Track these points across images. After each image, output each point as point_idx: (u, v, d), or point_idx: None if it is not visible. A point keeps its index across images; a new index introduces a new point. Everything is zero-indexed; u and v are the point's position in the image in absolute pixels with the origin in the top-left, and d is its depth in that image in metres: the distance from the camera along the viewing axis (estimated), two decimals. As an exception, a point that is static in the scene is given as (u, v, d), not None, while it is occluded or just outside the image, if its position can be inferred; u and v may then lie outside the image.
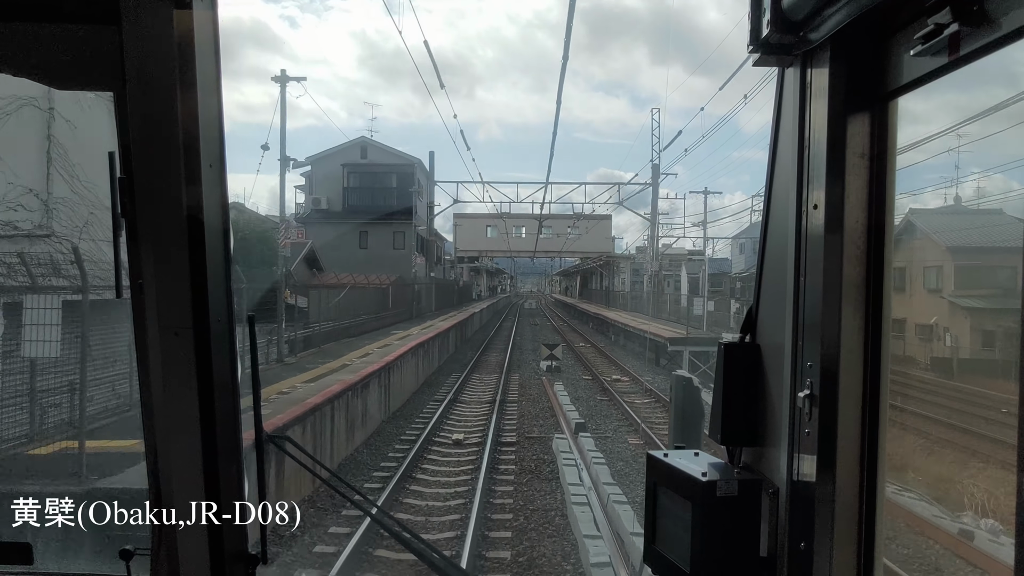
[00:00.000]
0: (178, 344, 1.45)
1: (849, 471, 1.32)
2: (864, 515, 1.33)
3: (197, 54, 1.37)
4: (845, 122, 1.30)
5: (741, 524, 1.43)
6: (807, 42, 1.32)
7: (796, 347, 1.39)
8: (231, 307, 1.53)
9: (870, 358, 1.32)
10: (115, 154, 1.43)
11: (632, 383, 23.51)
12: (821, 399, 1.32)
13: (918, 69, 1.17)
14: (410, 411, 18.26)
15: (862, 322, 1.32)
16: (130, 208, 1.43)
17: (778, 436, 1.45)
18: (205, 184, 1.42)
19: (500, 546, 9.36)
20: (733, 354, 1.55)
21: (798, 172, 1.39)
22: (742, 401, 1.53)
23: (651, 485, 1.58)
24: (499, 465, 13.21)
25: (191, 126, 1.39)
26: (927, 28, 1.08)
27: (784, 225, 1.45)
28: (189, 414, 1.48)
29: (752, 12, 1.38)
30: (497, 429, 15.81)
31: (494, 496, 11.39)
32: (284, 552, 8.38)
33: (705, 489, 1.41)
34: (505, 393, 20.75)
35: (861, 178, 1.31)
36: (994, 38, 1.01)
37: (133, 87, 1.38)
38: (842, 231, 1.31)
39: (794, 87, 1.41)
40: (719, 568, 1.41)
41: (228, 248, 1.51)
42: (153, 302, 1.45)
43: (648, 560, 1.58)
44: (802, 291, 1.38)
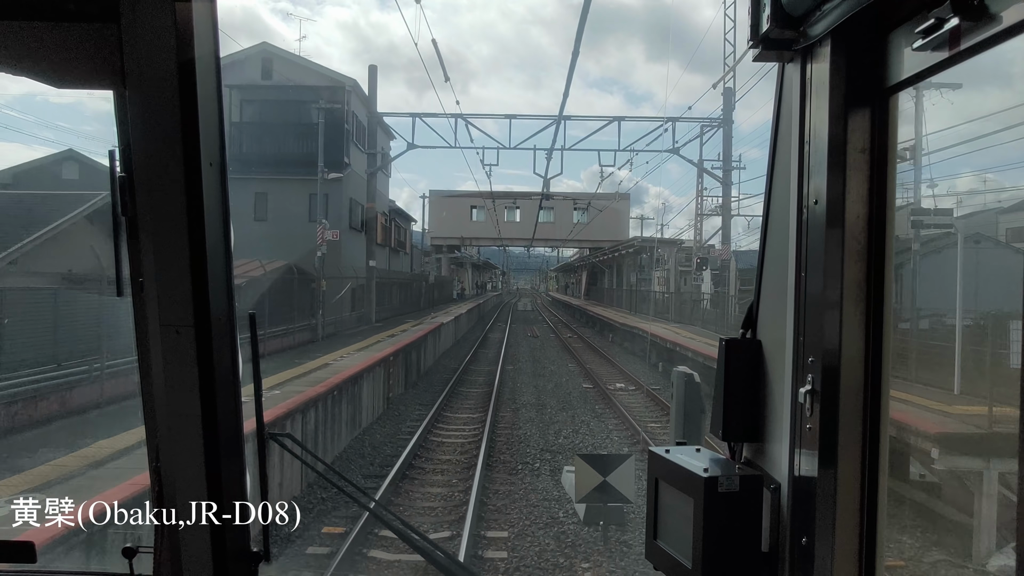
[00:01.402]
0: (179, 342, 1.45)
1: (850, 466, 1.32)
2: (865, 510, 1.33)
3: (197, 52, 1.37)
4: (846, 117, 1.30)
5: (743, 519, 1.43)
6: (807, 37, 1.32)
7: (797, 343, 1.39)
8: (232, 305, 1.53)
9: (871, 353, 1.32)
10: (115, 152, 1.43)
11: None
12: (822, 394, 1.32)
13: (919, 64, 1.17)
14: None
15: (863, 317, 1.32)
16: (131, 206, 1.43)
17: (779, 432, 1.45)
18: (205, 182, 1.42)
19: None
20: (734, 350, 1.55)
21: (799, 167, 1.39)
22: (743, 397, 1.54)
23: (653, 481, 1.58)
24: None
25: (191, 124, 1.39)
26: (927, 22, 1.08)
27: (785, 221, 1.45)
28: (191, 412, 1.48)
29: (752, 7, 1.38)
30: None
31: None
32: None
33: (707, 485, 1.41)
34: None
35: (862, 173, 1.31)
36: (994, 32, 1.01)
37: (133, 85, 1.38)
38: (843, 226, 1.31)
39: (794, 82, 1.41)
40: (721, 563, 1.41)
41: (229, 246, 1.51)
42: (154, 300, 1.45)
43: (650, 555, 1.58)
44: (803, 287, 1.38)
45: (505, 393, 19.13)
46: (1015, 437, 0.99)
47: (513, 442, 13.76)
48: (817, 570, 1.33)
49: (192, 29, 1.36)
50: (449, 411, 16.79)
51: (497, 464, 12.26)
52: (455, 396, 18.75)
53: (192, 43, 1.36)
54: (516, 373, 23.30)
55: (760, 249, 1.58)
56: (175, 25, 1.35)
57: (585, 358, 27.01)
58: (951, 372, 11.92)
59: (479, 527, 9.27)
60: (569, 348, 31.34)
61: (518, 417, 16.07)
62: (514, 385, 20.76)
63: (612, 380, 21.47)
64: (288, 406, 10.67)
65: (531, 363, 26.25)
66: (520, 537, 8.99)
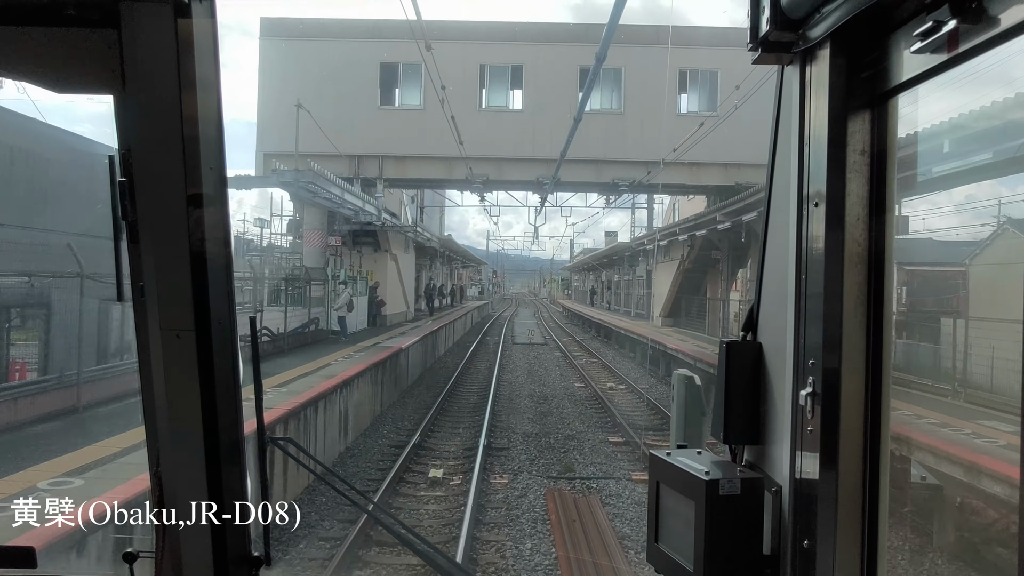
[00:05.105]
0: (180, 346, 1.45)
1: (852, 468, 1.32)
2: (867, 512, 1.33)
3: (196, 57, 1.37)
4: (845, 119, 1.30)
5: (744, 522, 1.43)
6: (807, 40, 1.32)
7: (798, 345, 1.39)
8: (232, 309, 1.53)
9: (872, 355, 1.32)
10: (115, 157, 1.44)
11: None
12: (823, 397, 1.32)
13: (918, 66, 1.17)
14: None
15: (864, 319, 1.32)
16: (131, 211, 1.43)
17: (780, 434, 1.45)
18: (205, 186, 1.42)
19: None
20: (735, 352, 1.55)
21: (799, 170, 1.39)
22: (744, 399, 1.53)
23: (654, 484, 1.58)
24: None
25: (191, 129, 1.39)
26: (926, 25, 1.08)
27: (785, 223, 1.45)
28: (191, 416, 1.48)
29: (751, 10, 1.38)
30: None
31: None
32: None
33: (708, 487, 1.40)
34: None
35: (862, 175, 1.31)
36: (993, 34, 1.01)
37: (133, 90, 1.38)
38: (843, 228, 1.31)
39: (794, 85, 1.41)
40: (723, 566, 1.41)
41: (229, 250, 1.52)
42: (155, 304, 1.45)
43: (652, 559, 1.58)
44: (803, 289, 1.38)
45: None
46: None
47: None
48: (819, 573, 1.33)
49: (192, 34, 1.36)
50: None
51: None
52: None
53: (192, 47, 1.36)
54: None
55: (760, 251, 1.58)
56: (175, 29, 1.35)
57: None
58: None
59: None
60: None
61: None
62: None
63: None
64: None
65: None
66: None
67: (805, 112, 1.38)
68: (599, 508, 9.97)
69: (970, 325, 12.77)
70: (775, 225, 1.53)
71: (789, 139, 1.44)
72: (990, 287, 13.00)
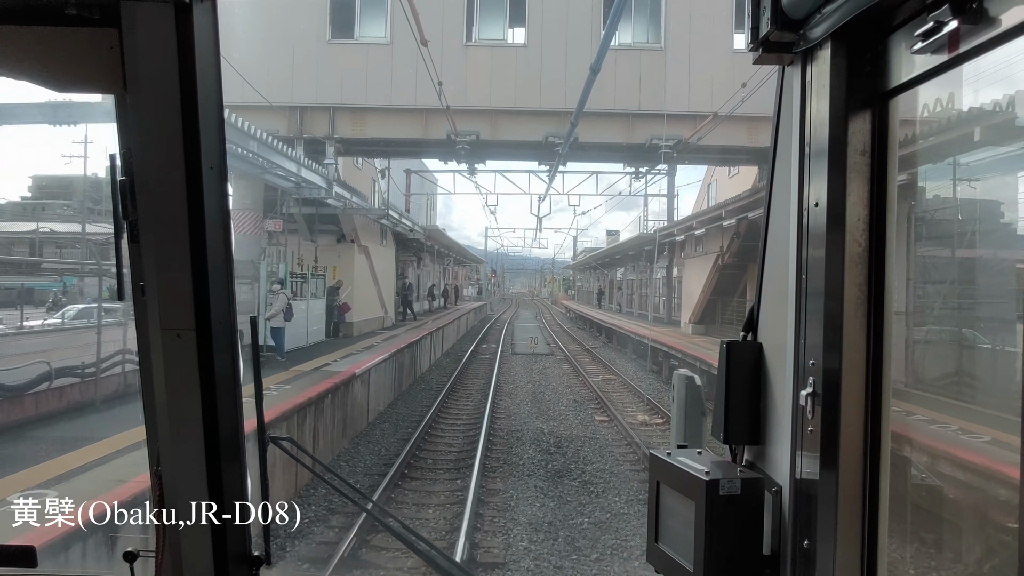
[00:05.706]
0: (180, 345, 1.45)
1: (852, 468, 1.32)
2: (867, 512, 1.33)
3: (197, 56, 1.37)
4: (846, 120, 1.30)
5: (744, 522, 1.43)
6: (807, 40, 1.32)
7: (798, 345, 1.39)
8: (233, 308, 1.53)
9: (872, 355, 1.32)
10: (116, 156, 1.44)
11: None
12: (823, 397, 1.32)
13: (919, 66, 1.17)
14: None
15: (864, 319, 1.32)
16: (132, 210, 1.43)
17: (781, 434, 1.44)
18: (206, 186, 1.42)
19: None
20: (735, 353, 1.55)
21: (799, 170, 1.39)
22: (744, 400, 1.53)
23: (654, 484, 1.58)
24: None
25: (192, 128, 1.39)
26: (927, 25, 1.08)
27: (785, 223, 1.45)
28: (191, 415, 1.48)
29: (752, 11, 1.38)
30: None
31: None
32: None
33: (708, 488, 1.40)
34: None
35: (862, 175, 1.31)
36: (994, 35, 1.01)
37: (134, 90, 1.38)
38: (843, 229, 1.31)
39: (795, 85, 1.41)
40: (723, 566, 1.41)
41: (229, 249, 1.52)
42: (155, 304, 1.45)
43: (652, 559, 1.58)
44: (804, 289, 1.38)
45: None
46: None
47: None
48: (819, 572, 1.33)
49: (193, 33, 1.36)
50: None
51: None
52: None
53: (193, 47, 1.36)
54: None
55: (761, 251, 1.58)
56: (176, 29, 1.35)
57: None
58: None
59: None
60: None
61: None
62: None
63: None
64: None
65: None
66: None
67: (806, 112, 1.38)
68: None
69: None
70: (775, 225, 1.53)
71: (789, 139, 1.44)
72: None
